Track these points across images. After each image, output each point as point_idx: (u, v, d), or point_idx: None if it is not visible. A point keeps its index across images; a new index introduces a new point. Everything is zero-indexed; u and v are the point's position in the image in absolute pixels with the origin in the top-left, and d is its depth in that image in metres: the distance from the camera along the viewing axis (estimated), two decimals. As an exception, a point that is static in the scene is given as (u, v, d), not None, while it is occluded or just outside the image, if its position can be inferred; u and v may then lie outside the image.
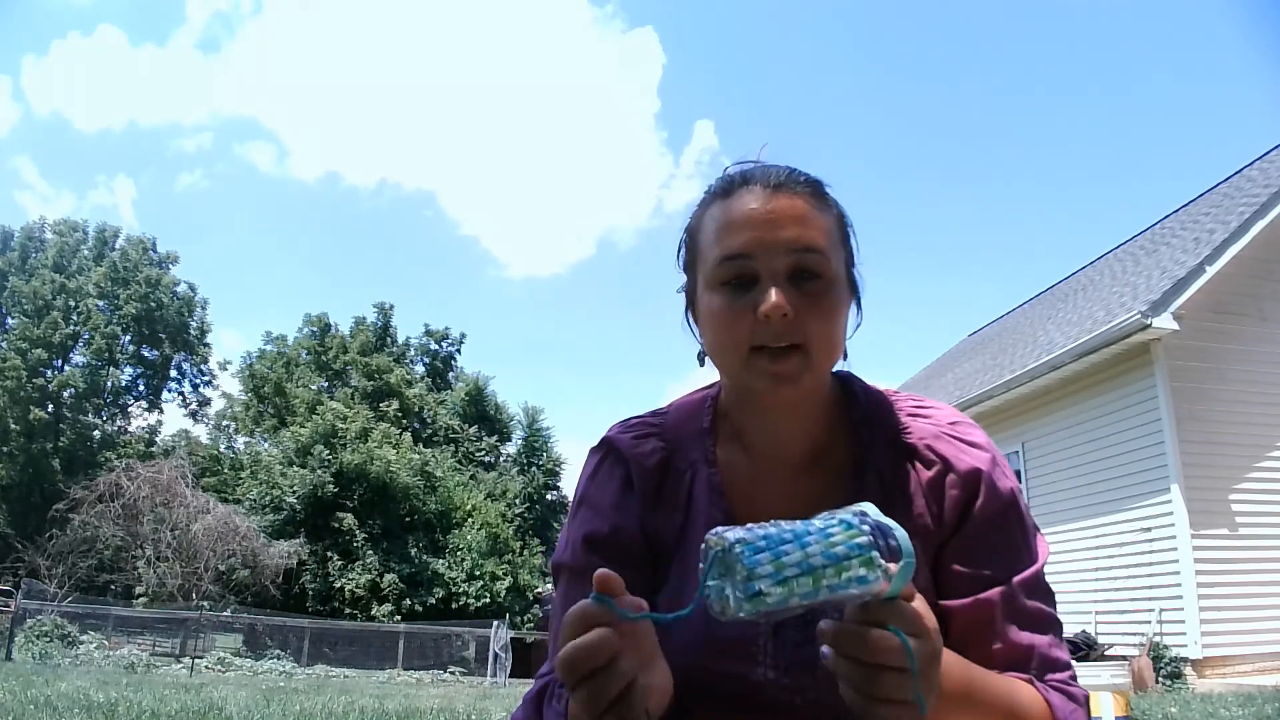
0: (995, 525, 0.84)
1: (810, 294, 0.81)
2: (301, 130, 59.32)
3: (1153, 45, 57.60)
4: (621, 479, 0.91)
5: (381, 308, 34.42)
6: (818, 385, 0.85)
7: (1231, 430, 8.59)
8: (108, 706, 4.85)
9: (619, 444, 0.93)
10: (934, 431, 0.88)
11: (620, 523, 0.88)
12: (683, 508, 0.89)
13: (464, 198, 62.76)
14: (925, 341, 68.61)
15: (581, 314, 61.55)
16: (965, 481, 0.85)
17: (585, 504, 0.92)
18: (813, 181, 0.86)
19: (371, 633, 19.51)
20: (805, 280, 0.81)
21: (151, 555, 19.41)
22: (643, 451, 0.91)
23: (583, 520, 0.90)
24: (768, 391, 0.82)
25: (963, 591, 0.82)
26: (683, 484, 0.90)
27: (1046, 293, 15.07)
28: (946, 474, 0.85)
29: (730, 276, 0.82)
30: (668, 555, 0.88)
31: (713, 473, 0.89)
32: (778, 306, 0.78)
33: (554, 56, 59.01)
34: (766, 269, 0.81)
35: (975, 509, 0.84)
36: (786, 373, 0.80)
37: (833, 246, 0.84)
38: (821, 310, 0.81)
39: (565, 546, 0.91)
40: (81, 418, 32.30)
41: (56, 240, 33.25)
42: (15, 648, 13.07)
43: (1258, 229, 9.05)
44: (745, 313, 0.81)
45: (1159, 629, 8.31)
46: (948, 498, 0.85)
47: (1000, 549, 0.84)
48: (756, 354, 0.81)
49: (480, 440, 31.47)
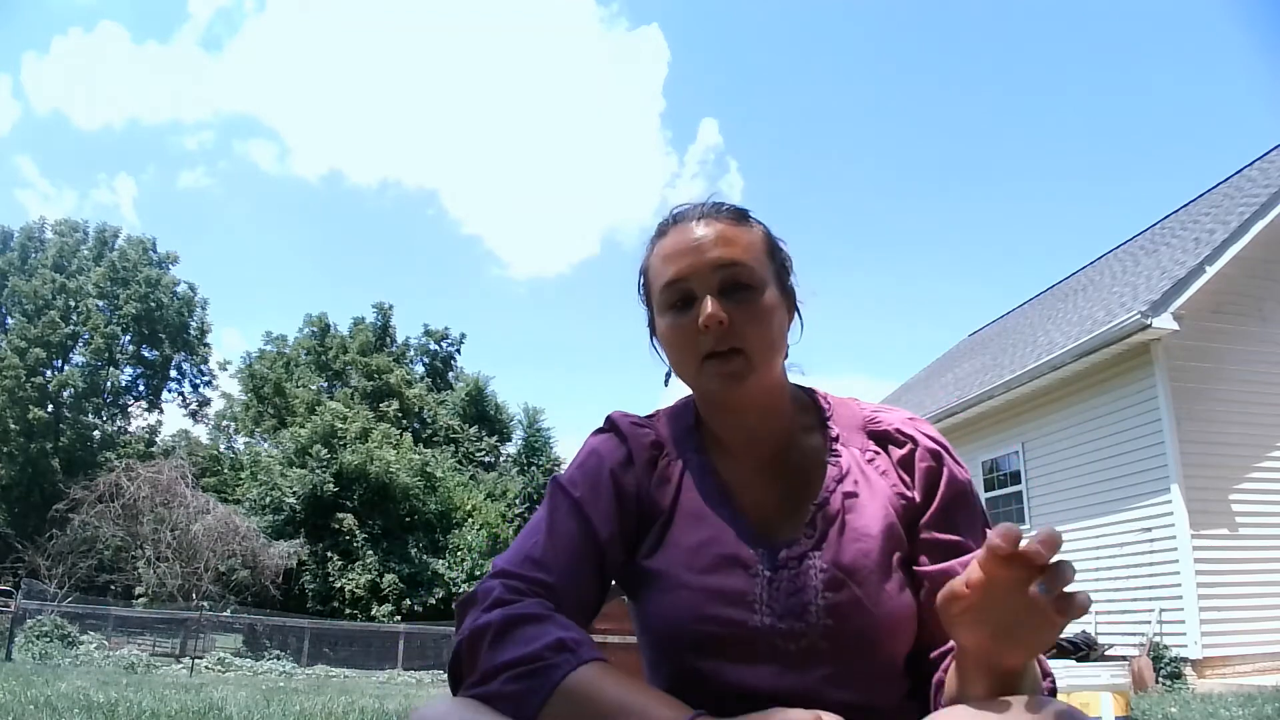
0: (961, 500, 0.95)
1: (741, 302, 0.92)
2: (303, 128, 59.43)
3: (1153, 45, 57.60)
4: (625, 452, 1.00)
5: (381, 307, 34.42)
6: (767, 381, 0.96)
7: (1231, 430, 8.60)
8: (108, 706, 4.85)
9: (621, 425, 1.03)
10: (900, 418, 1.01)
11: (622, 481, 0.98)
12: (675, 482, 0.98)
13: (467, 197, 62.84)
14: (925, 341, 68.64)
15: (585, 313, 61.59)
16: (933, 455, 0.96)
17: (597, 456, 1.00)
18: (735, 209, 0.99)
19: (371, 633, 19.49)
20: (736, 291, 0.93)
21: (151, 555, 19.40)
22: (640, 434, 1.02)
23: (593, 468, 0.99)
24: (721, 391, 0.94)
25: (937, 557, 0.92)
26: (675, 466, 1.00)
27: (1046, 293, 15.07)
28: (916, 449, 0.97)
29: (675, 300, 0.95)
30: (659, 521, 0.97)
31: (704, 458, 1.00)
32: (712, 316, 0.90)
33: (558, 55, 59.08)
34: (701, 288, 0.93)
35: (943, 481, 0.95)
36: (734, 372, 0.92)
37: (758, 259, 0.95)
38: (752, 314, 0.92)
39: (578, 481, 0.98)
40: (81, 418, 32.31)
41: (56, 240, 33.27)
42: (15, 648, 13.05)
43: (1258, 229, 9.05)
44: (691, 328, 0.92)
45: (1159, 629, 8.30)
46: (919, 469, 0.96)
47: (967, 521, 0.94)
48: (707, 362, 0.92)
49: (480, 440, 31.45)
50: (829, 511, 0.94)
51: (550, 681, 0.76)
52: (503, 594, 0.85)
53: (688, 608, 0.90)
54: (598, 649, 0.80)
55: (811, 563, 0.91)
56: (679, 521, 0.96)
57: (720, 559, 0.92)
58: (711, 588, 0.90)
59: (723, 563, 0.91)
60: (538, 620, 0.81)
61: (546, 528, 0.93)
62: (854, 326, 50.37)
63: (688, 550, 0.93)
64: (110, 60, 52.24)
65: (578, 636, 0.81)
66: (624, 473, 0.98)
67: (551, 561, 0.90)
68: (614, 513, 0.95)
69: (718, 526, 0.94)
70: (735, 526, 0.94)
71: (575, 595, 0.90)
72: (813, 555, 0.91)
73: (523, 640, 0.79)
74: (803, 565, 0.91)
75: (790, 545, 0.92)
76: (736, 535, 0.93)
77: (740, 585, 0.90)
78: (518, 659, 0.78)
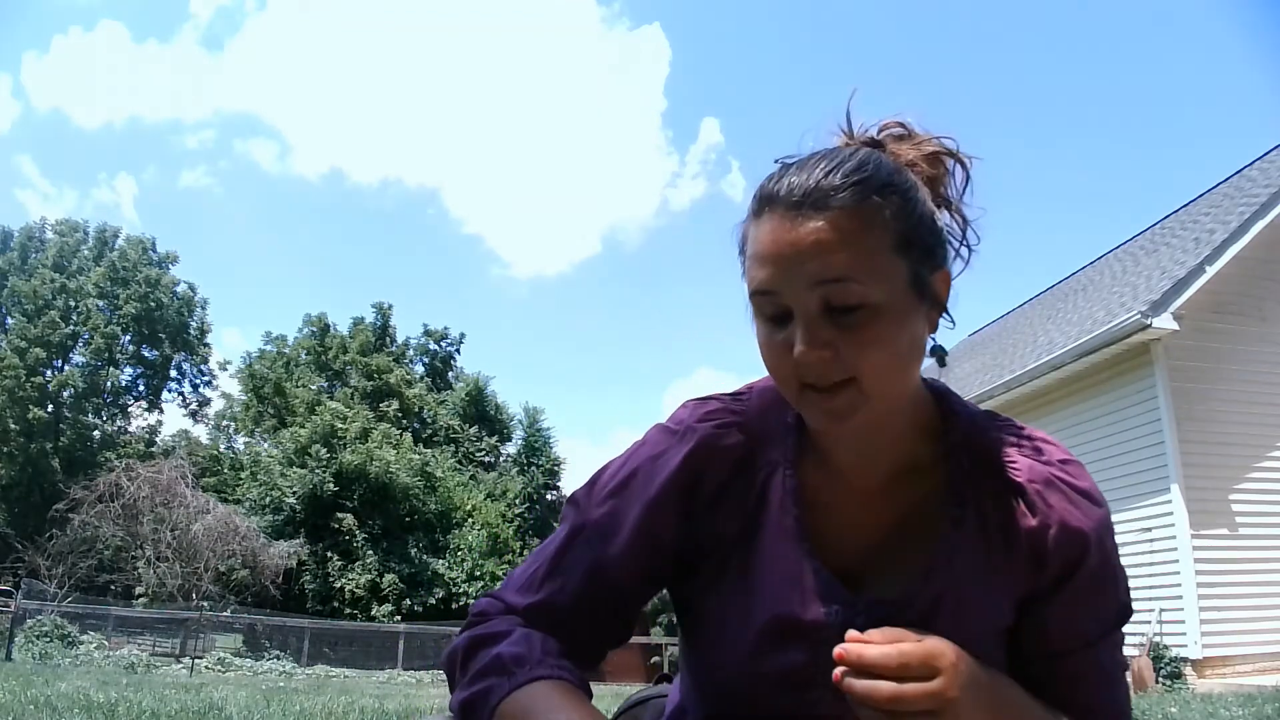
0: (1095, 586, 0.78)
1: (851, 326, 0.72)
2: (304, 127, 59.46)
3: (1153, 45, 57.65)
4: (688, 477, 0.83)
5: (380, 307, 34.43)
6: (884, 414, 0.77)
7: (1231, 430, 8.60)
8: (108, 706, 4.84)
9: (700, 434, 0.84)
10: (1045, 475, 0.79)
11: (666, 514, 0.82)
12: (750, 509, 0.83)
13: (468, 196, 62.87)
14: (925, 341, 68.54)
15: (587, 313, 61.61)
16: (1073, 541, 0.77)
17: (638, 480, 0.84)
18: (856, 187, 0.73)
19: (371, 633, 19.50)
20: (843, 313, 0.72)
21: (151, 555, 19.39)
22: (725, 445, 0.84)
23: (624, 502, 0.83)
24: (823, 429, 0.79)
25: (1053, 648, 0.79)
26: (755, 483, 0.83)
27: (1046, 293, 15.07)
28: (1054, 527, 0.77)
29: (765, 311, 0.75)
30: (725, 551, 0.83)
31: (789, 475, 0.83)
32: (807, 354, 0.71)
33: (560, 54, 59.09)
34: (796, 305, 0.73)
35: (1078, 570, 0.77)
36: (838, 410, 0.74)
37: (876, 266, 0.72)
38: (866, 341, 0.72)
39: (604, 508, 0.84)
40: (81, 418, 32.32)
41: (56, 240, 33.29)
42: (15, 648, 13.04)
43: (1258, 229, 9.06)
44: (786, 349, 0.73)
45: (1159, 629, 8.31)
46: (1051, 553, 0.77)
47: (1096, 607, 0.79)
48: (807, 390, 0.74)
49: (480, 440, 31.45)
50: (944, 582, 0.78)
51: (488, 707, 0.74)
52: (474, 615, 0.83)
53: (736, 673, 0.80)
54: (549, 664, 0.75)
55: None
56: (746, 556, 0.82)
57: (781, 621, 0.78)
58: (766, 656, 0.78)
59: (783, 626, 0.78)
60: (493, 641, 0.78)
61: (553, 551, 0.84)
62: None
63: (748, 597, 0.80)
64: (111, 59, 52.26)
65: (521, 653, 0.75)
66: (677, 501, 0.83)
67: (549, 587, 0.83)
68: (642, 550, 0.82)
69: (789, 573, 0.80)
70: (808, 575, 0.79)
71: (585, 632, 0.82)
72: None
73: (476, 663, 0.77)
74: None
75: (875, 609, 0.77)
76: (808, 589, 0.79)
77: (800, 658, 0.77)
78: (468, 684, 0.77)
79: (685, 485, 0.83)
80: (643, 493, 0.83)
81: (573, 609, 0.81)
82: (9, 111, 50.71)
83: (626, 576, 0.82)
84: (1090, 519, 0.77)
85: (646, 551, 0.82)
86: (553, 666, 0.75)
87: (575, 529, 0.84)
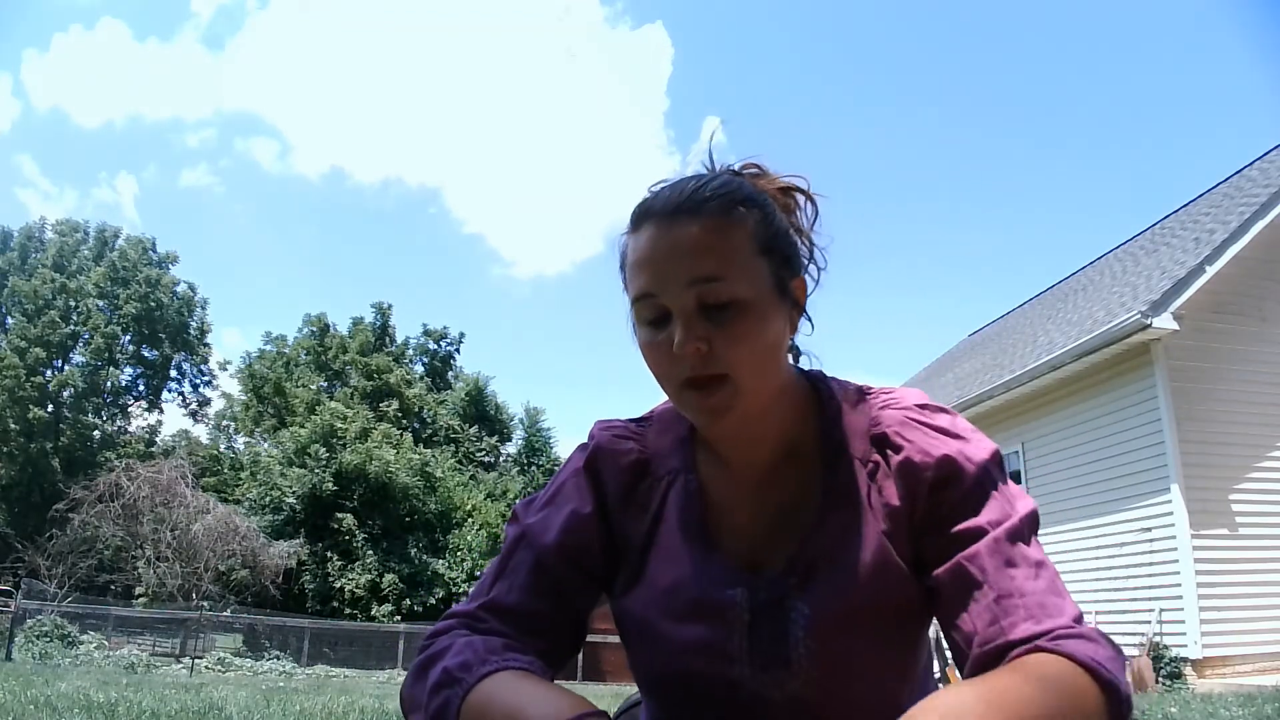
0: (971, 495, 0.81)
1: (724, 323, 0.79)
2: (305, 126, 59.41)
3: (1153, 45, 57.63)
4: (591, 477, 0.93)
5: (380, 307, 34.40)
6: (759, 407, 0.84)
7: (1231, 430, 8.60)
8: (108, 706, 4.84)
9: (598, 441, 0.95)
10: (899, 418, 0.87)
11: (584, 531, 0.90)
12: (654, 511, 0.91)
13: (470, 195, 62.87)
14: (925, 341, 68.64)
15: (588, 312, 61.55)
16: (938, 464, 0.82)
17: (563, 494, 0.93)
18: (721, 199, 0.81)
19: (371, 633, 19.49)
20: (716, 310, 0.79)
21: (151, 555, 19.39)
22: (620, 451, 0.93)
23: (554, 507, 0.92)
24: (705, 427, 0.86)
25: (944, 557, 0.80)
26: (658, 490, 0.91)
27: (1046, 293, 15.08)
28: (916, 456, 0.83)
29: (647, 315, 0.83)
30: (636, 555, 0.90)
31: (690, 478, 0.90)
32: (684, 345, 0.78)
33: (561, 53, 59.06)
34: (674, 304, 0.80)
35: (949, 489, 0.82)
36: (716, 406, 0.80)
37: (742, 265, 0.80)
38: (737, 336, 0.79)
39: (538, 515, 0.92)
40: (81, 418, 32.30)
41: (56, 240, 33.27)
42: (15, 648, 13.05)
43: (1258, 229, 9.06)
44: (666, 348, 0.80)
45: (1159, 629, 8.31)
46: (920, 480, 0.83)
47: (977, 513, 0.81)
48: (687, 388, 0.81)
49: (480, 440, 31.45)
50: (816, 545, 0.84)
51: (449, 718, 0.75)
52: (426, 639, 0.86)
53: (664, 661, 0.86)
54: (494, 660, 0.76)
55: (793, 605, 0.82)
56: (655, 556, 0.89)
57: (694, 605, 0.84)
58: (686, 641, 0.84)
59: (696, 609, 0.84)
60: (438, 658, 0.80)
61: (499, 559, 0.91)
62: (855, 326, 50.35)
63: (662, 592, 0.87)
64: (111, 58, 52.27)
65: (466, 659, 0.77)
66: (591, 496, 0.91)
67: (498, 588, 0.88)
68: (572, 546, 0.89)
69: (693, 564, 0.86)
70: (712, 564, 0.86)
71: (535, 627, 0.86)
72: (795, 597, 0.82)
73: (429, 681, 0.78)
74: (783, 609, 0.82)
75: (772, 585, 0.83)
76: (713, 575, 0.85)
77: (715, 636, 0.83)
78: (426, 704, 0.77)
79: (591, 484, 0.92)
80: (568, 499, 0.92)
81: (520, 604, 0.87)
82: (9, 110, 50.75)
83: (565, 570, 0.88)
84: (949, 447, 0.83)
85: (577, 548, 0.89)
86: (498, 661, 0.76)
87: (517, 537, 0.92)
